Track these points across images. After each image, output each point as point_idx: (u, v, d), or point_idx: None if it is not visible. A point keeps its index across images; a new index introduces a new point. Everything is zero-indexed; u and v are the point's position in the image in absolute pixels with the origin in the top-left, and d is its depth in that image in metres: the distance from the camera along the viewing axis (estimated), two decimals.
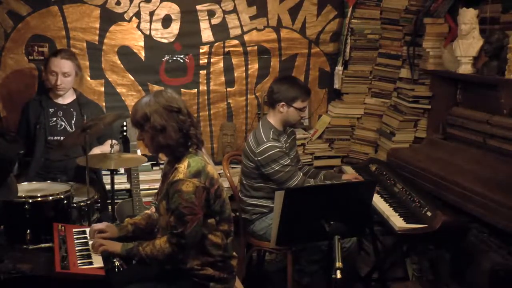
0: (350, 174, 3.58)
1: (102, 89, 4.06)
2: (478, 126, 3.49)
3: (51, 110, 3.59)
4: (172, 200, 2.27)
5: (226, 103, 4.36)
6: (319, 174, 3.47)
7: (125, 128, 3.72)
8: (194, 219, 2.26)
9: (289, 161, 3.15)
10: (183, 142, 2.34)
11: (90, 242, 2.49)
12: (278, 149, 3.11)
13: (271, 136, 3.15)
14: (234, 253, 2.50)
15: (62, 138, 3.49)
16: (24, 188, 2.97)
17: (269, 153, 3.10)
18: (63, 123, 3.59)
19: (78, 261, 2.34)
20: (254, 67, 4.35)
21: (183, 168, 2.29)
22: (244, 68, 4.34)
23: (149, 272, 2.45)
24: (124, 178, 3.98)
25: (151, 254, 2.31)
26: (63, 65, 3.52)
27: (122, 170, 3.96)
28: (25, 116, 3.59)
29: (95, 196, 3.20)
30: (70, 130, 3.58)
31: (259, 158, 3.12)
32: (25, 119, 3.59)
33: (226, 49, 4.25)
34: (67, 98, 3.64)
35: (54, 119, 3.57)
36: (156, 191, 3.87)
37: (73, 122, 3.61)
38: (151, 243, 2.34)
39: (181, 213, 2.25)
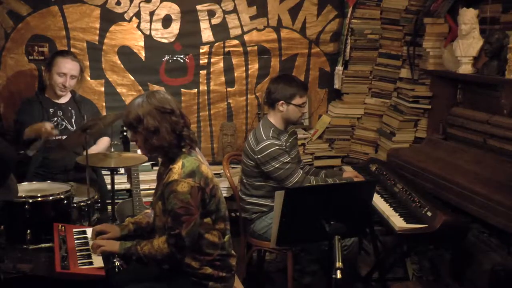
0: (350, 171, 3.59)
1: (102, 89, 4.07)
2: (478, 126, 3.49)
3: (51, 110, 3.58)
4: (168, 201, 2.28)
5: (226, 103, 4.36)
6: (320, 173, 3.47)
7: (125, 128, 3.72)
8: (190, 220, 2.26)
9: (289, 158, 3.15)
10: (176, 143, 2.34)
11: (91, 243, 2.49)
12: (277, 147, 3.11)
13: (270, 135, 3.16)
14: (233, 252, 2.50)
15: (63, 137, 3.49)
16: (24, 188, 2.97)
17: (269, 150, 3.10)
18: (64, 123, 3.58)
19: (78, 261, 2.34)
20: (254, 67, 4.36)
21: (177, 168, 2.29)
22: (244, 68, 4.34)
23: (149, 272, 2.45)
24: (124, 178, 3.99)
25: (149, 253, 2.31)
26: (72, 67, 3.52)
27: (122, 170, 3.96)
28: (28, 115, 3.50)
29: (95, 196, 3.20)
30: (72, 128, 3.58)
31: (258, 156, 3.13)
32: (29, 118, 3.47)
33: (226, 49, 4.26)
34: (65, 97, 3.64)
35: (55, 119, 3.57)
36: None
37: (73, 120, 3.61)
38: (149, 242, 2.34)
39: (177, 214, 2.25)
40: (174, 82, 4.19)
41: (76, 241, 2.54)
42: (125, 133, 3.72)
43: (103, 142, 3.70)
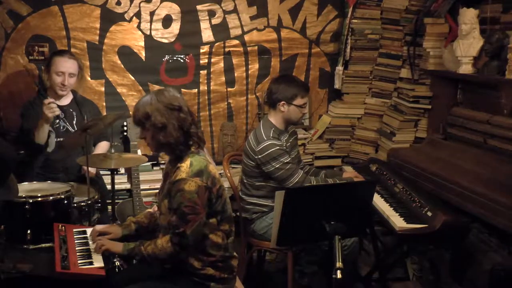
0: (350, 172, 3.59)
1: (103, 89, 4.07)
2: (478, 126, 3.49)
3: None
4: (174, 199, 2.28)
5: (226, 103, 4.36)
6: (320, 173, 3.47)
7: (125, 128, 3.72)
8: (196, 219, 2.26)
9: (289, 159, 3.15)
10: (183, 140, 2.34)
11: (91, 243, 2.50)
12: (278, 147, 3.11)
13: (271, 135, 3.15)
14: (235, 253, 2.50)
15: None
16: (25, 188, 2.97)
17: (269, 151, 3.10)
18: (65, 125, 3.57)
19: (79, 261, 2.34)
20: (254, 67, 4.36)
21: (185, 167, 2.30)
22: (244, 68, 4.34)
23: (150, 272, 2.45)
24: (124, 178, 3.99)
25: (153, 253, 2.31)
26: (70, 65, 3.50)
27: (122, 170, 3.96)
28: (32, 120, 3.41)
29: (96, 196, 3.20)
30: (72, 130, 3.57)
31: (259, 156, 3.13)
32: (34, 123, 3.38)
33: (227, 49, 4.26)
34: (66, 99, 3.63)
35: (57, 120, 3.55)
36: (156, 191, 3.92)
37: (74, 122, 3.60)
38: (152, 242, 2.34)
39: (183, 213, 2.25)
40: (174, 82, 4.19)
41: (76, 241, 2.54)
42: (125, 133, 3.72)
43: (102, 147, 3.68)
